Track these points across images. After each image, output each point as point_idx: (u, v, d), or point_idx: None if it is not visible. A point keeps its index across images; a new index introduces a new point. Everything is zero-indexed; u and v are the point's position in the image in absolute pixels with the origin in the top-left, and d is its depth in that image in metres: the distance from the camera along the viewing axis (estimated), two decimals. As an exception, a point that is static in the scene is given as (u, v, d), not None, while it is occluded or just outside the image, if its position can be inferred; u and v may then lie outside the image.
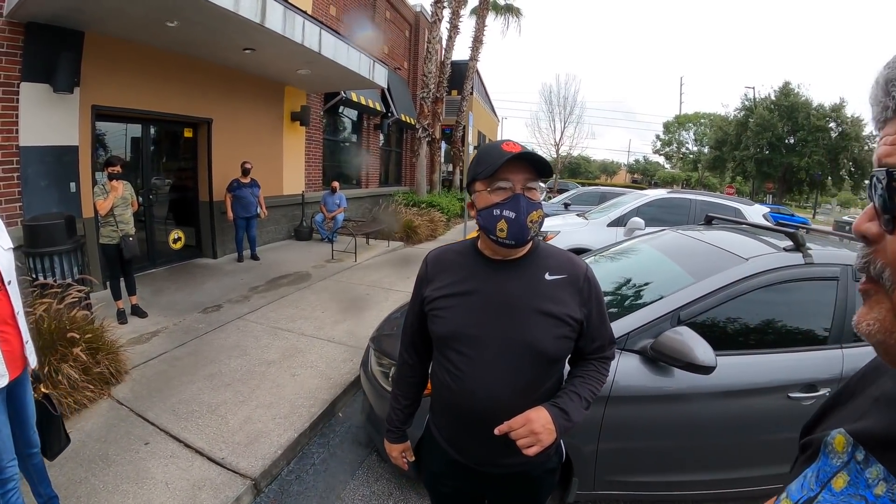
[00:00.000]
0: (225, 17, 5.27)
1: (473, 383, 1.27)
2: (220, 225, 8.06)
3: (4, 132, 4.84)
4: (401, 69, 15.65)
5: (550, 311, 1.26)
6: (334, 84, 9.74)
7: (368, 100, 11.97)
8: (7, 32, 4.78)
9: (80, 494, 2.54)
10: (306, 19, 6.55)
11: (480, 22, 17.37)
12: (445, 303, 1.33)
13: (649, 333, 2.27)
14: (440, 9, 13.10)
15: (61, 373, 3.16)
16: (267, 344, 4.53)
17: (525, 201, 1.20)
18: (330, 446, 3.23)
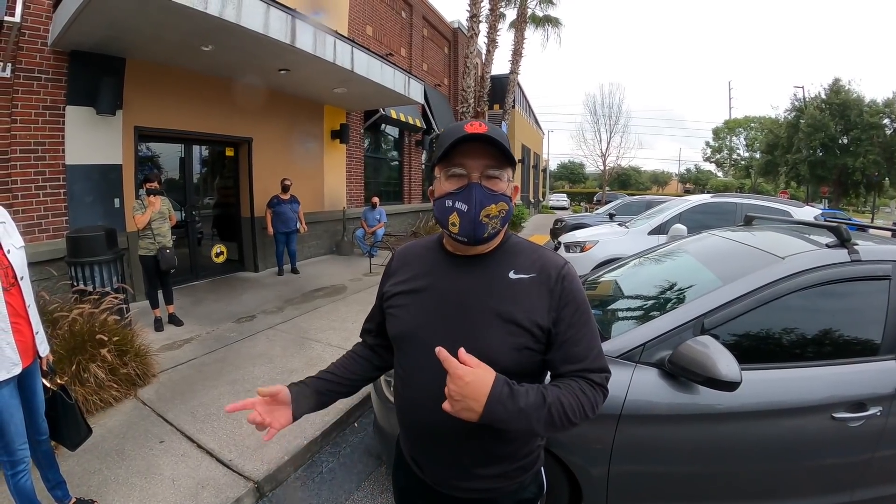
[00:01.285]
0: (256, 40, 5.57)
1: (419, 392, 1.13)
2: (261, 240, 8.40)
3: (52, 152, 5.32)
4: (441, 85, 15.93)
5: (509, 315, 1.07)
6: (372, 101, 10.02)
7: (408, 116, 12.24)
8: (52, 60, 5.28)
9: (91, 484, 2.71)
10: (337, 38, 6.80)
11: (519, 35, 17.41)
12: (399, 300, 1.20)
13: (668, 344, 2.04)
14: (476, 24, 13.29)
15: (89, 371, 3.40)
16: (293, 353, 4.66)
17: (480, 192, 1.04)
18: (340, 455, 3.26)
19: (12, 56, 4.95)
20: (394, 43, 12.58)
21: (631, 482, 2.09)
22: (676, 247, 3.35)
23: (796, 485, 2.11)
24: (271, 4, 5.51)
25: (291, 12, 5.83)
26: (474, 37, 13.41)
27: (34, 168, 5.19)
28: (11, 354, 2.00)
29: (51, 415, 2.35)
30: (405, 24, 13.33)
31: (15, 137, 4.99)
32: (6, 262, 2.04)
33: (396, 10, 12.78)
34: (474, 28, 13.36)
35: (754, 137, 44.08)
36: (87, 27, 4.85)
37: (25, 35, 5.03)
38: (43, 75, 5.20)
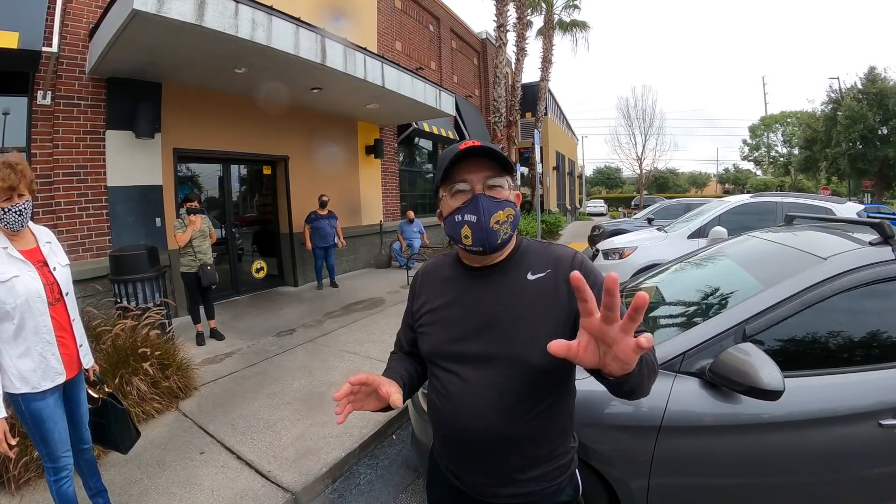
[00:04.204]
0: (287, 60, 5.71)
1: (459, 404, 1.16)
2: (300, 255, 8.54)
3: (94, 175, 5.57)
4: (472, 96, 15.95)
5: (536, 316, 1.11)
6: (404, 116, 10.12)
7: (441, 129, 12.31)
8: (91, 87, 5.55)
9: (131, 493, 2.76)
10: (367, 55, 6.90)
11: (547, 42, 17.37)
12: (429, 318, 1.25)
13: (709, 352, 1.97)
14: (504, 33, 13.28)
15: (131, 385, 3.47)
16: (332, 366, 4.66)
17: (486, 202, 1.09)
18: (378, 468, 3.22)
19: (52, 84, 5.21)
20: (423, 57, 12.70)
21: (671, 495, 2.02)
22: (716, 250, 3.26)
23: (842, 496, 1.99)
24: (300, 25, 5.64)
25: (320, 32, 5.96)
26: (503, 46, 13.40)
27: (77, 190, 5.42)
28: (56, 365, 2.08)
29: (101, 422, 2.42)
30: (433, 37, 13.44)
31: (57, 161, 5.23)
32: (52, 279, 2.11)
33: (424, 24, 12.91)
34: (502, 38, 13.37)
35: (792, 133, 42.36)
36: (122, 55, 5.07)
37: (63, 64, 5.29)
38: (82, 102, 5.45)
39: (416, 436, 2.68)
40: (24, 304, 1.97)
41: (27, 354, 2.00)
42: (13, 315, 1.95)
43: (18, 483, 2.78)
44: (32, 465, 2.79)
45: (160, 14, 4.25)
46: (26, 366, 2.00)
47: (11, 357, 1.97)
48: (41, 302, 2.03)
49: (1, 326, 1.95)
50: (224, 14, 4.78)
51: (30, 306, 1.99)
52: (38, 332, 2.03)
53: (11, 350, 1.97)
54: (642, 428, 1.92)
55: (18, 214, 1.98)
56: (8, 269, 1.95)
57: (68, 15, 5.31)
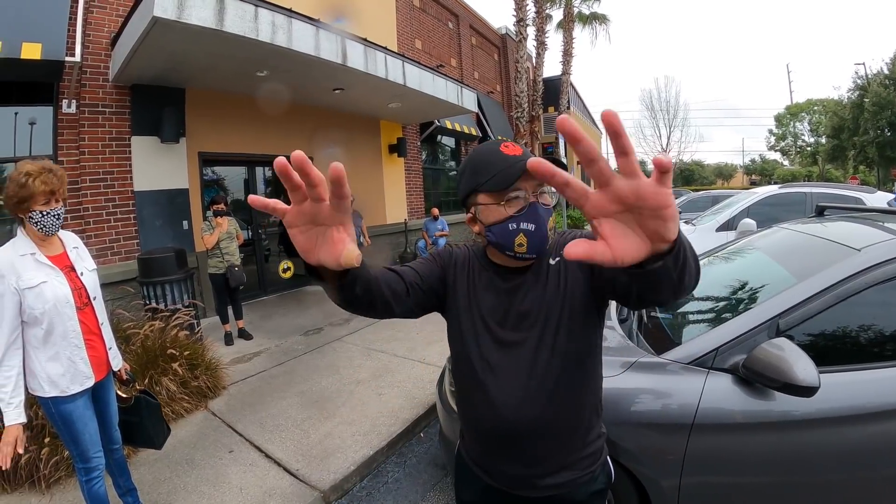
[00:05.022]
0: (308, 62, 5.71)
1: (496, 394, 1.15)
2: (326, 255, 8.54)
3: (120, 180, 5.66)
4: (494, 92, 15.81)
5: (560, 298, 1.13)
6: (426, 113, 10.06)
7: (463, 126, 12.21)
8: (115, 94, 5.63)
9: (161, 491, 2.79)
10: (387, 54, 6.86)
11: (567, 35, 17.10)
12: (463, 311, 1.21)
13: (742, 348, 1.92)
14: (523, 27, 13.12)
15: (161, 385, 3.51)
16: (359, 364, 4.65)
17: (542, 210, 1.08)
18: (406, 466, 3.19)
19: (76, 93, 5.31)
20: (444, 54, 12.62)
21: (703, 494, 1.97)
22: (746, 243, 3.21)
23: (876, 495, 1.91)
24: (320, 27, 5.64)
25: (341, 33, 5.95)
26: (523, 41, 13.26)
27: (104, 195, 5.52)
28: (85, 369, 2.11)
29: (133, 421, 2.45)
30: (453, 34, 13.36)
31: (84, 168, 5.33)
32: (80, 284, 2.13)
33: (443, 22, 12.84)
34: (522, 32, 13.22)
35: (818, 122, 40.83)
36: (144, 62, 5.13)
37: (87, 73, 5.38)
38: (107, 109, 5.54)
39: (444, 433, 2.66)
40: (53, 309, 1.98)
41: (56, 359, 2.02)
42: (42, 320, 1.96)
43: (49, 482, 2.82)
44: (63, 464, 2.83)
45: (181, 20, 4.28)
46: (55, 370, 2.01)
47: (40, 361, 1.99)
48: (69, 307, 2.04)
49: (30, 331, 1.96)
50: (244, 18, 4.79)
51: (58, 311, 2.00)
52: (67, 336, 2.04)
53: (40, 354, 1.98)
54: (673, 426, 1.88)
55: (56, 218, 2.01)
56: (36, 274, 1.96)
57: (90, 25, 5.40)
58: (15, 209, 1.96)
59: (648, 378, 1.99)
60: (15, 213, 1.98)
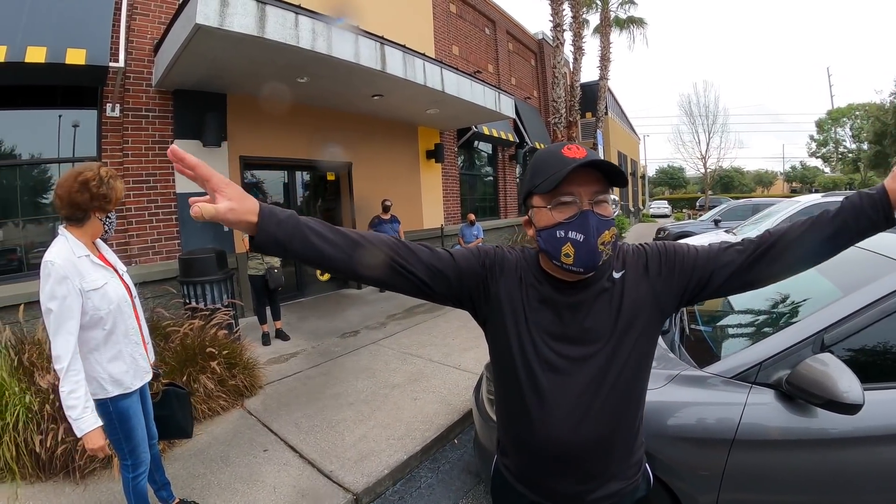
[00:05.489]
0: (348, 69, 5.74)
1: (552, 414, 1.08)
2: (364, 259, 8.60)
3: (163, 182, 5.80)
4: (531, 98, 15.66)
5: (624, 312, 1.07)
6: (463, 119, 10.03)
7: (500, 132, 12.12)
8: (158, 99, 5.78)
9: (195, 487, 2.79)
10: (426, 61, 6.85)
11: (605, 40, 16.84)
12: (511, 324, 1.11)
13: (786, 363, 1.84)
14: (560, 33, 12.95)
15: (199, 382, 3.53)
16: (395, 368, 4.60)
17: (595, 219, 0.99)
18: (440, 471, 3.12)
19: (120, 97, 5.47)
20: (480, 60, 12.58)
21: None
22: None
23: None
24: (359, 34, 5.66)
25: (380, 39, 5.96)
26: (560, 46, 13.10)
27: (147, 197, 5.66)
28: (144, 364, 2.18)
29: (163, 414, 2.44)
30: (490, 40, 13.31)
31: (127, 170, 5.47)
32: (125, 284, 2.15)
33: (480, 28, 12.80)
34: (559, 37, 13.06)
35: (860, 127, 38.71)
36: (186, 68, 5.24)
37: (130, 78, 5.54)
38: (150, 113, 5.70)
39: (480, 441, 2.60)
40: (116, 308, 2.01)
41: (118, 357, 2.03)
42: (106, 320, 1.97)
43: (83, 473, 2.86)
44: None
45: (222, 28, 4.34)
46: (118, 368, 2.03)
47: (101, 363, 1.98)
48: (128, 305, 2.10)
49: (90, 334, 1.94)
50: (284, 25, 4.84)
51: (121, 311, 2.04)
52: (128, 334, 2.08)
53: (101, 356, 1.98)
54: (713, 441, 1.83)
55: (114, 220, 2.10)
56: (97, 276, 1.97)
57: (132, 31, 5.56)
58: (89, 205, 1.93)
59: (690, 391, 1.93)
60: (88, 209, 1.94)
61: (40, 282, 1.83)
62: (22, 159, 5.11)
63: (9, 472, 2.79)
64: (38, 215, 5.25)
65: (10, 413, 2.80)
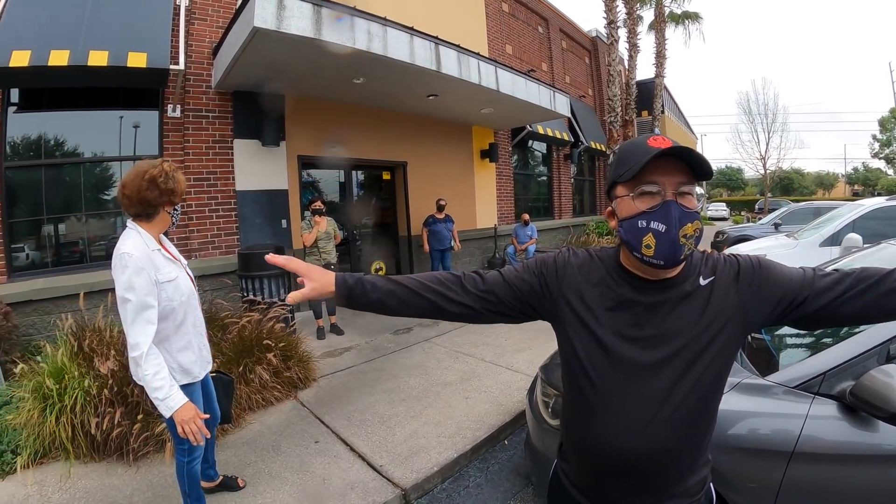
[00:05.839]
0: (404, 69, 5.74)
1: (617, 420, 1.04)
2: (417, 257, 8.62)
3: (223, 180, 5.96)
4: (585, 96, 15.25)
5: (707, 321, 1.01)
6: (518, 119, 9.87)
7: (555, 131, 11.86)
8: (217, 100, 5.95)
9: (245, 474, 2.81)
10: (480, 60, 6.76)
11: (660, 36, 16.23)
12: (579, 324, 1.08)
13: (851, 374, 1.76)
14: (614, 30, 12.55)
15: (254, 373, 3.58)
16: (447, 366, 4.54)
17: (678, 210, 0.94)
18: (489, 472, 3.04)
19: (180, 99, 5.67)
20: (534, 59, 12.36)
21: None
22: (852, 260, 3.02)
23: None
24: (414, 34, 5.65)
25: (434, 40, 5.93)
26: (614, 43, 12.73)
27: (207, 194, 5.83)
28: (207, 355, 2.25)
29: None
30: (543, 38, 13.05)
31: (188, 168, 5.63)
32: (189, 276, 2.19)
33: (533, 26, 12.59)
34: (613, 34, 12.70)
35: None
36: (245, 70, 5.36)
37: (190, 80, 5.72)
38: (210, 114, 5.87)
39: (532, 443, 2.54)
40: (187, 301, 2.07)
41: (188, 347, 2.09)
42: (178, 311, 2.02)
43: (137, 455, 2.93)
44: (151, 440, 2.94)
45: (280, 30, 4.41)
46: (187, 358, 2.08)
47: (171, 352, 2.02)
48: (195, 297, 2.17)
49: (161, 325, 1.96)
50: (341, 27, 4.88)
51: (190, 303, 2.10)
52: (196, 325, 2.15)
53: (171, 346, 2.02)
54: (771, 453, 1.75)
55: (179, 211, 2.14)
56: (170, 269, 2.02)
57: (191, 36, 5.76)
58: (159, 200, 1.98)
59: (751, 400, 1.85)
60: (158, 205, 1.99)
61: (115, 273, 1.86)
62: (85, 157, 5.38)
63: (63, 451, 2.91)
64: (99, 210, 5.52)
65: (69, 396, 2.92)
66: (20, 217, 5.04)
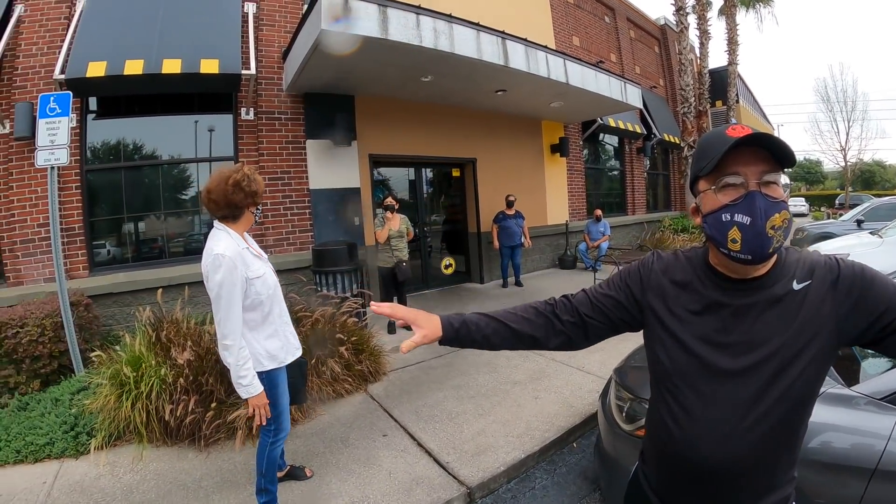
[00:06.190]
0: (471, 65, 5.66)
1: (698, 426, 1.00)
2: (487, 253, 8.52)
3: (297, 179, 6.13)
4: (657, 87, 14.47)
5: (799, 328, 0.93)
6: (588, 112, 9.53)
7: (627, 123, 11.35)
8: (289, 102, 6.10)
9: (312, 464, 2.87)
10: (548, 53, 6.57)
11: (730, 21, 15.27)
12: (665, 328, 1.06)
13: None
14: (683, 16, 11.85)
15: (326, 366, 3.65)
16: (517, 365, 4.44)
17: (763, 201, 0.89)
18: (556, 474, 2.92)
19: (253, 102, 5.86)
20: (602, 50, 11.86)
21: None
22: None
23: None
24: (480, 29, 5.56)
25: (501, 34, 5.82)
26: (684, 31, 12.05)
27: (282, 192, 6.00)
28: (294, 341, 2.40)
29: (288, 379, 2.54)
30: (610, 28, 12.50)
31: (263, 168, 5.83)
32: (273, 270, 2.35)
33: (599, 17, 12.10)
34: (682, 21, 12.03)
35: None
36: (314, 72, 5.45)
37: (262, 84, 5.91)
38: (282, 116, 6.04)
39: (603, 448, 2.44)
40: (273, 293, 2.23)
41: (274, 335, 2.24)
42: (265, 304, 2.18)
43: (208, 442, 3.06)
44: (223, 427, 3.05)
45: (346, 32, 4.46)
46: (274, 345, 2.23)
47: (259, 340, 2.18)
48: (279, 290, 2.32)
49: (249, 315, 2.14)
50: (407, 26, 4.87)
51: (276, 294, 2.26)
52: (282, 315, 2.30)
53: (258, 335, 2.18)
54: (851, 469, 1.64)
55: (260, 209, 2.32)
56: (258, 265, 2.18)
57: (261, 41, 5.95)
58: (244, 202, 2.14)
59: (834, 412, 1.74)
60: (243, 206, 2.15)
61: (209, 271, 2.00)
62: (163, 160, 5.70)
63: (137, 435, 3.09)
64: (177, 209, 5.83)
65: (145, 383, 3.09)
66: (101, 216, 5.42)
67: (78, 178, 5.13)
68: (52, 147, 3.91)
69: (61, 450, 3.09)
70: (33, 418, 3.30)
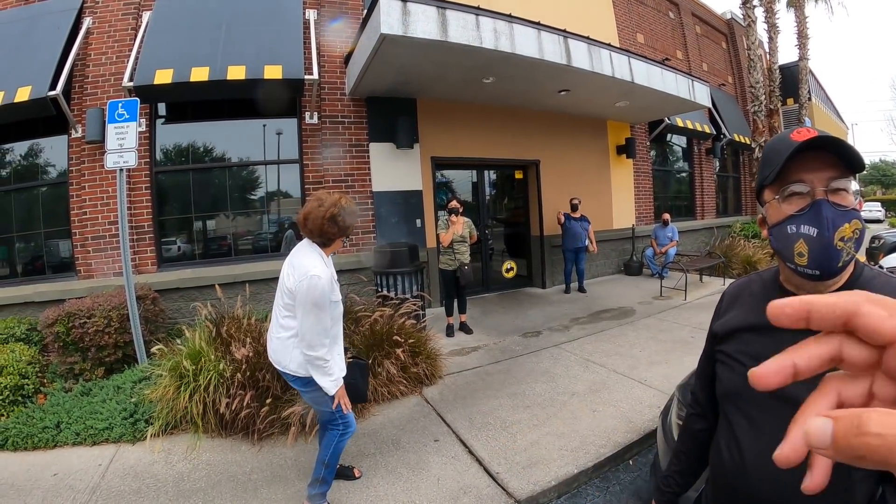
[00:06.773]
0: (533, 65, 5.52)
1: (749, 453, 0.92)
2: (549, 257, 8.29)
3: (360, 181, 6.21)
4: (725, 85, 13.51)
5: None
6: (655, 111, 9.05)
7: (695, 123, 10.69)
8: (352, 106, 6.19)
9: (361, 465, 2.86)
10: (612, 51, 6.32)
11: (800, 13, 13.90)
12: (733, 347, 0.99)
13: None
14: (750, 9, 10.93)
15: (382, 366, 3.63)
16: (575, 375, 4.22)
17: (830, 210, 0.82)
18: (608, 493, 2.73)
19: (317, 106, 5.97)
20: (667, 47, 11.24)
21: None
22: None
23: None
24: (541, 28, 5.42)
25: (562, 33, 5.64)
26: (752, 25, 11.14)
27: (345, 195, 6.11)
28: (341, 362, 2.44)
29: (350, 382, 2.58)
30: (675, 24, 11.81)
31: (327, 171, 5.96)
32: None
33: (663, 13, 11.46)
34: (749, 15, 11.13)
35: None
36: (376, 76, 5.51)
37: (325, 88, 6.02)
38: (346, 119, 6.14)
39: (661, 468, 2.23)
40: (340, 314, 2.38)
41: (340, 353, 2.40)
42: (337, 324, 2.34)
43: (261, 436, 3.10)
44: (277, 423, 3.09)
45: (407, 35, 4.46)
46: (341, 359, 2.39)
47: (333, 354, 2.29)
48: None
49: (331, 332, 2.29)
50: (466, 28, 4.82)
51: (341, 315, 2.42)
52: (338, 336, 2.39)
53: (331, 352, 2.29)
54: None
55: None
56: (338, 290, 2.33)
57: (323, 47, 6.07)
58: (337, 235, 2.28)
59: None
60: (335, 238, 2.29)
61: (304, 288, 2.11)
62: (231, 162, 5.93)
63: (192, 426, 3.18)
64: (245, 209, 6.05)
65: (204, 376, 3.18)
66: (170, 215, 5.71)
67: (148, 179, 5.43)
68: (121, 150, 4.12)
69: (119, 435, 3.24)
70: (95, 403, 3.49)
